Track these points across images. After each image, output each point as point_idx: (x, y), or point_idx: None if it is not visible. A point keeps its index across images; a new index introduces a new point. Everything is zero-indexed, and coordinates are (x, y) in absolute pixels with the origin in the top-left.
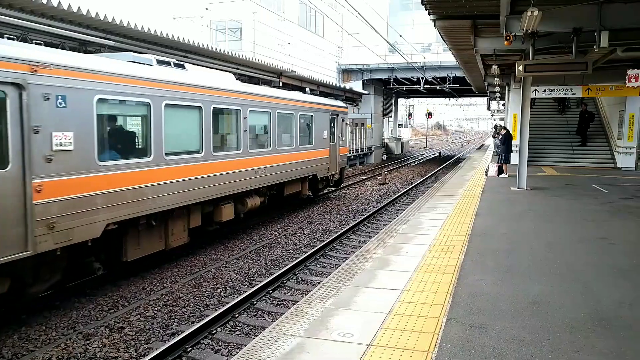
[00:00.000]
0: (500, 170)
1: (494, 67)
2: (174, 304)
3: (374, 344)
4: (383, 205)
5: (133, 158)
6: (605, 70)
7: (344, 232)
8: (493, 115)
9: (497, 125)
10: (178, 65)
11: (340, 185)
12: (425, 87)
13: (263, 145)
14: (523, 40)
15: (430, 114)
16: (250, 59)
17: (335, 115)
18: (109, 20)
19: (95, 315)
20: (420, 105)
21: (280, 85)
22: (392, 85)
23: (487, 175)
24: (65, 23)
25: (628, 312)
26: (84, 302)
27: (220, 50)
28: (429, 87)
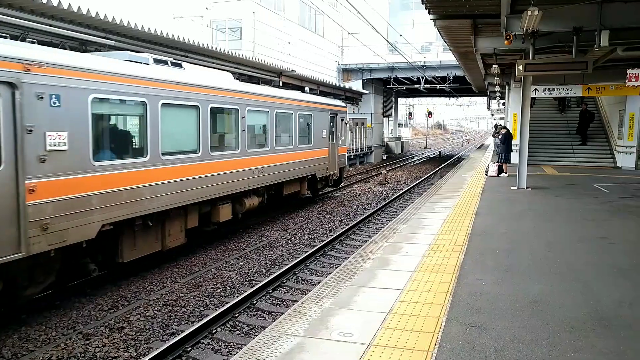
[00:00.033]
0: (500, 170)
1: (494, 66)
2: (174, 304)
3: (374, 344)
4: (383, 205)
5: (129, 158)
6: (606, 70)
7: (344, 231)
8: (493, 115)
9: (497, 125)
10: (175, 64)
11: (340, 185)
12: (426, 86)
13: (261, 145)
14: (523, 40)
15: (431, 114)
16: (251, 59)
17: (335, 115)
18: (109, 20)
19: (95, 315)
20: (421, 105)
21: (281, 85)
22: (392, 85)
23: (487, 175)
24: (66, 22)
25: (628, 311)
26: (84, 302)
27: (221, 50)
28: (429, 86)
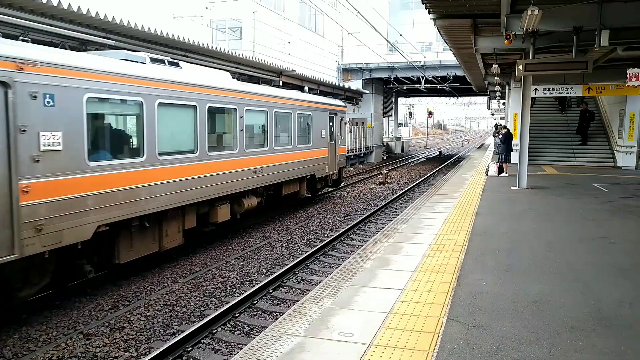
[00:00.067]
0: (501, 170)
1: (494, 66)
2: (175, 304)
3: (375, 344)
4: (383, 205)
5: (125, 158)
6: (606, 69)
7: (345, 231)
8: (493, 115)
9: (497, 125)
10: (172, 64)
11: (339, 185)
12: (426, 86)
13: (260, 145)
14: (523, 39)
15: (431, 113)
16: (251, 58)
17: (334, 114)
18: (109, 20)
19: (96, 315)
20: (421, 105)
21: (281, 85)
22: (392, 85)
23: (487, 175)
24: (66, 22)
25: (628, 311)
26: (85, 301)
27: (221, 50)
28: (430, 86)
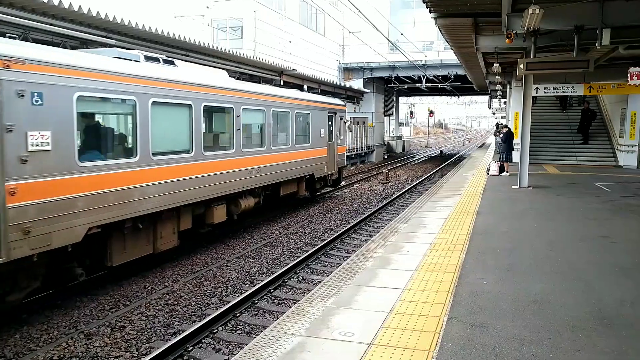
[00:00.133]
0: (502, 169)
1: (496, 65)
2: (176, 303)
3: (375, 343)
4: (384, 204)
5: (117, 158)
6: (607, 68)
7: (345, 230)
8: (494, 114)
9: (498, 124)
10: (167, 62)
11: (339, 185)
12: (427, 85)
13: (257, 145)
14: (524, 38)
15: (432, 113)
16: (252, 58)
17: (333, 114)
18: (110, 19)
19: (97, 315)
20: (422, 104)
21: (282, 84)
22: (393, 84)
23: (488, 174)
24: (67, 22)
25: (630, 310)
26: (86, 301)
27: (222, 49)
28: (431, 85)
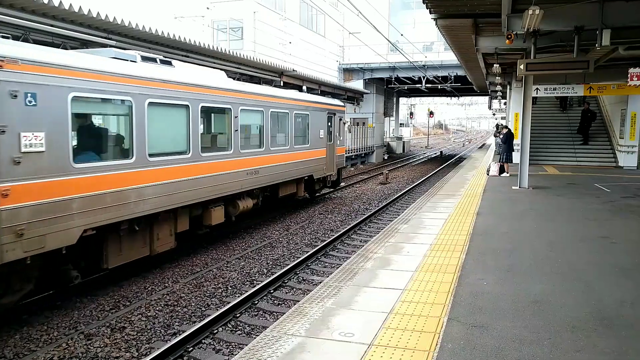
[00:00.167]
0: (502, 170)
1: (496, 65)
2: (176, 304)
3: (375, 344)
4: (384, 205)
5: (113, 159)
6: (607, 69)
7: (345, 231)
8: (494, 114)
9: (498, 124)
10: (165, 62)
11: (338, 186)
12: (427, 86)
13: (256, 146)
14: (524, 39)
15: (432, 113)
16: (252, 59)
17: (333, 114)
18: (110, 20)
19: (97, 315)
20: (422, 105)
21: (282, 85)
22: (393, 85)
23: (488, 175)
24: (67, 23)
25: (630, 311)
26: (86, 301)
27: (222, 50)
28: (431, 86)
